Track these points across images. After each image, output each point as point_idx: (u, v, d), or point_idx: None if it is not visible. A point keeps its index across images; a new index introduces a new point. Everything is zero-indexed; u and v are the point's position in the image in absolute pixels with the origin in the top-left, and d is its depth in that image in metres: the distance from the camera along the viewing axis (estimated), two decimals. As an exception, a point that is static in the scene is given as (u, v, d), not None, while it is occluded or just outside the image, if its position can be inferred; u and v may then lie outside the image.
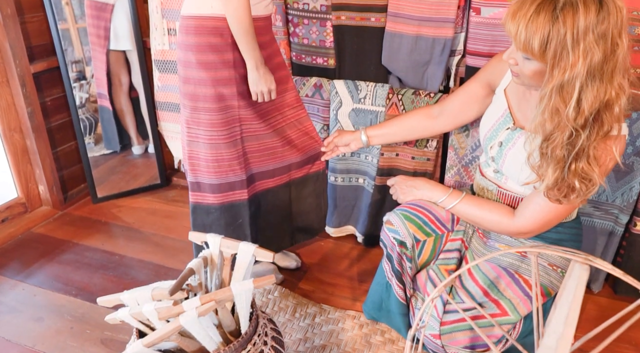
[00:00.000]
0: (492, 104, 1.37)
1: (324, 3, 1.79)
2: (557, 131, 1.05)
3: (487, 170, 1.38)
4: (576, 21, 0.96)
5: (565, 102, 1.02)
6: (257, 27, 1.47)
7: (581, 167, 1.07)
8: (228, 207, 1.57)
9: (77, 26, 2.34)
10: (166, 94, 2.35)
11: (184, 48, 1.44)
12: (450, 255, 1.38)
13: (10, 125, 2.10)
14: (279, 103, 1.60)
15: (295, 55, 1.93)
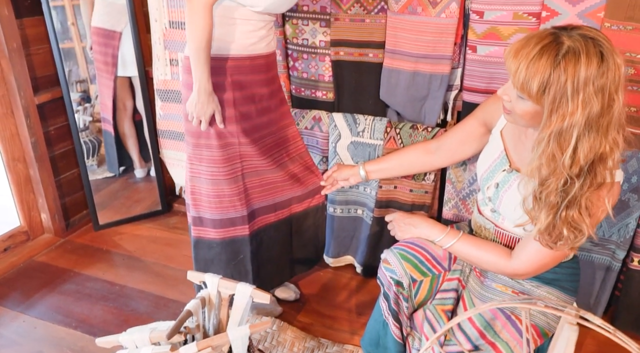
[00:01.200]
0: (489, 144, 1.38)
1: (323, 39, 1.82)
2: (553, 177, 1.06)
3: (484, 209, 1.39)
4: (577, 71, 0.97)
5: (562, 149, 1.03)
6: (259, 65, 1.50)
7: (572, 216, 1.08)
8: (229, 243, 1.59)
9: (83, 45, 2.39)
10: (168, 122, 2.38)
11: (186, 87, 1.47)
12: (447, 295, 1.39)
13: (14, 155, 2.13)
14: (281, 138, 1.62)
15: (294, 89, 1.96)
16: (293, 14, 1.83)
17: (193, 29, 1.33)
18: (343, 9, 1.74)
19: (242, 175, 1.54)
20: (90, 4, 2.32)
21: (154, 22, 2.20)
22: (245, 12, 1.40)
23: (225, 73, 1.43)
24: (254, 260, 1.64)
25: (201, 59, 1.35)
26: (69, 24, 2.31)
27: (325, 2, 1.77)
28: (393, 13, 1.69)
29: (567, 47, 1.00)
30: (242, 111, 1.48)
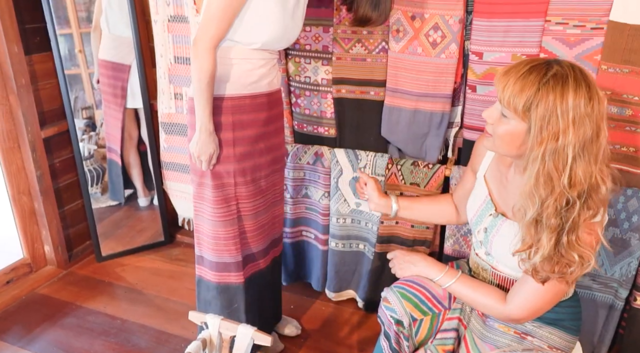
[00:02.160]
0: (475, 189, 1.39)
1: (325, 77, 1.85)
2: (551, 197, 1.04)
3: (479, 252, 1.39)
4: (565, 92, 0.99)
5: (558, 169, 1.02)
6: (261, 103, 1.51)
7: (575, 240, 1.07)
8: (224, 289, 1.59)
9: (89, 71, 2.43)
10: (172, 155, 2.40)
11: (192, 127, 1.49)
12: (448, 335, 1.38)
13: (20, 189, 2.15)
14: (272, 181, 1.64)
15: (297, 124, 1.98)
16: (295, 52, 1.87)
17: (197, 71, 1.36)
18: (345, 48, 1.78)
19: (238, 217, 1.54)
20: (99, 34, 2.37)
21: (159, 58, 2.24)
22: (243, 51, 1.43)
23: (226, 112, 1.45)
24: (248, 311, 1.63)
25: (204, 99, 1.38)
26: (76, 51, 2.36)
27: (327, 41, 1.80)
28: (394, 53, 1.72)
29: (555, 70, 1.02)
30: (242, 151, 1.50)
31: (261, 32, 1.40)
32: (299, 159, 1.96)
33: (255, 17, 1.38)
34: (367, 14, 1.58)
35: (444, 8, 1.61)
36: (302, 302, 2.11)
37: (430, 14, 1.63)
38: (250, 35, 1.40)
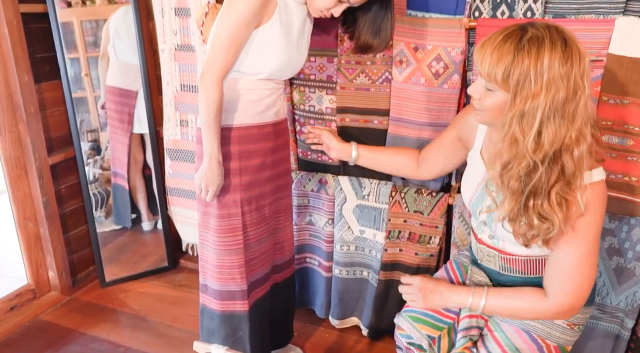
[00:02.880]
0: (470, 167, 1.36)
1: (329, 106, 1.88)
2: (515, 161, 1.05)
3: (482, 236, 1.35)
4: (541, 54, 0.99)
5: (524, 133, 1.02)
6: (267, 133, 1.54)
7: (540, 205, 1.06)
8: (229, 317, 1.59)
9: (95, 94, 2.46)
10: (177, 180, 2.42)
11: (197, 156, 1.52)
12: (468, 334, 1.34)
13: (26, 215, 2.17)
14: (277, 208, 1.66)
15: (301, 152, 2.00)
16: (300, 82, 1.90)
17: (205, 102, 1.38)
18: (349, 78, 1.81)
19: (244, 247, 1.55)
20: (106, 61, 2.41)
21: (165, 85, 2.28)
22: (249, 82, 1.46)
23: (233, 142, 1.48)
24: (252, 339, 1.63)
25: (211, 130, 1.40)
26: (83, 75, 2.40)
27: (331, 71, 1.83)
28: (397, 83, 1.75)
29: (531, 34, 1.02)
30: (248, 180, 1.52)
31: (267, 63, 1.43)
32: (303, 186, 1.97)
33: (260, 48, 1.41)
34: (369, 41, 1.60)
35: (446, 40, 1.64)
36: (306, 329, 2.10)
37: (432, 45, 1.67)
38: (256, 65, 1.43)
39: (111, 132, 2.51)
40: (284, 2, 1.42)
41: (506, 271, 1.32)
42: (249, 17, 1.34)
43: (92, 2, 2.30)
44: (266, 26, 1.40)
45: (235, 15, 1.34)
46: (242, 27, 1.35)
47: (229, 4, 1.37)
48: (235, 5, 1.34)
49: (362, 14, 1.56)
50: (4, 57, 1.95)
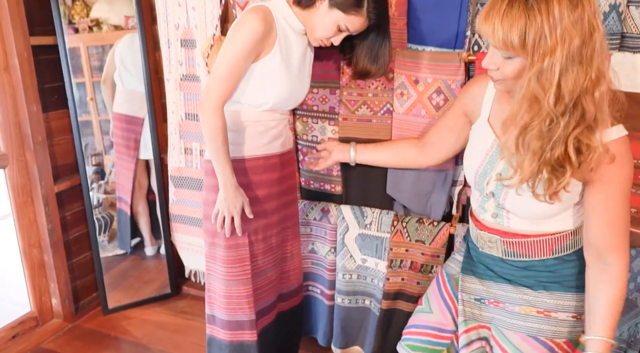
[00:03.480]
0: (475, 139, 1.33)
1: (332, 136, 1.91)
2: (536, 119, 1.03)
3: (484, 216, 1.31)
4: (551, 8, 0.97)
5: (544, 89, 1.00)
6: (273, 164, 1.57)
7: (555, 156, 1.05)
8: (237, 347, 1.59)
9: (100, 118, 2.50)
10: (180, 207, 2.44)
11: (206, 188, 1.55)
12: (471, 348, 1.34)
13: (30, 242, 2.19)
14: (284, 237, 1.67)
15: (304, 181, 2.03)
16: (303, 112, 1.93)
17: (208, 130, 1.42)
18: (351, 109, 1.84)
19: (252, 276, 1.56)
20: (109, 85, 2.44)
21: (171, 114, 2.32)
22: (254, 114, 1.50)
23: (240, 174, 1.50)
24: None
25: (221, 157, 1.43)
26: (88, 99, 2.44)
27: (334, 103, 1.87)
28: (398, 114, 1.78)
29: None
30: (255, 211, 1.54)
31: (269, 94, 1.47)
32: (305, 214, 1.99)
33: (263, 79, 1.45)
34: (367, 67, 1.62)
35: (446, 73, 1.68)
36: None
37: (433, 78, 1.70)
38: (259, 97, 1.47)
39: (117, 158, 2.54)
40: (283, 34, 1.47)
41: (509, 256, 1.28)
42: (248, 50, 1.39)
43: (98, 29, 2.35)
44: (267, 58, 1.44)
45: (236, 47, 1.39)
46: (241, 58, 1.40)
47: (231, 36, 1.42)
48: (237, 37, 1.39)
49: (360, 41, 1.59)
50: (13, 88, 1.99)
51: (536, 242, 1.25)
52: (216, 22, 2.04)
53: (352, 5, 1.42)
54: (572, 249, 1.25)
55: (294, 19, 1.49)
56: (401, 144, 1.65)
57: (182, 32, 2.17)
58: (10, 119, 2.02)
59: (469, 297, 1.37)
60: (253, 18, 1.38)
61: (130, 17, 2.30)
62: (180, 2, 2.14)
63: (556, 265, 1.25)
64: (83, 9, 2.28)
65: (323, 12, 1.45)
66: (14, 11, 1.92)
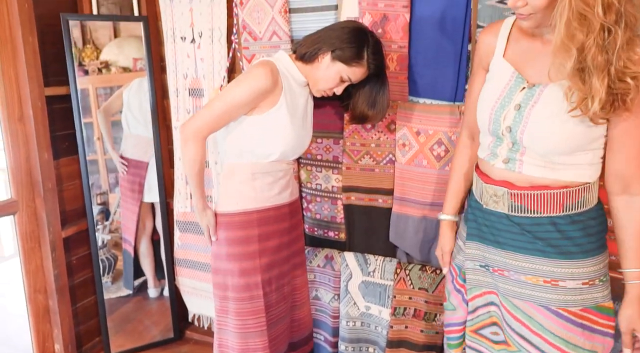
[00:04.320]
0: (490, 79, 1.28)
1: (335, 184, 1.95)
2: (591, 36, 0.99)
3: (495, 162, 1.23)
4: None
5: (589, 4, 0.97)
6: (283, 214, 1.61)
7: (623, 66, 1.01)
8: None
9: (105, 157, 2.54)
10: (185, 252, 2.47)
11: (215, 242, 1.57)
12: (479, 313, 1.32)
13: (36, 287, 2.20)
14: (294, 286, 1.69)
15: (308, 228, 2.06)
16: (307, 161, 1.98)
17: (185, 158, 1.50)
18: (354, 159, 1.89)
19: (267, 327, 1.57)
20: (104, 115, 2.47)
21: (177, 160, 2.37)
22: (263, 165, 1.54)
23: (252, 225, 1.54)
24: None
25: (194, 183, 1.54)
26: (95, 139, 2.49)
27: (337, 152, 1.92)
28: (400, 164, 1.83)
29: None
30: (267, 261, 1.56)
31: (278, 144, 1.52)
32: (309, 261, 2.01)
33: (271, 130, 1.51)
34: (365, 112, 1.67)
35: (446, 125, 1.74)
36: (312, 407, 2.07)
37: (433, 130, 1.76)
38: (268, 147, 1.52)
39: (122, 201, 2.58)
40: (288, 86, 1.53)
41: (515, 211, 1.22)
42: (248, 99, 1.45)
43: (107, 70, 2.43)
44: (274, 109, 1.50)
45: (238, 92, 1.45)
46: (239, 105, 1.46)
47: (237, 81, 1.49)
48: (242, 85, 1.46)
49: (357, 88, 1.65)
50: (27, 137, 2.05)
51: (545, 195, 1.18)
52: (224, 73, 2.12)
53: (353, 57, 1.50)
54: (583, 208, 1.19)
55: (297, 71, 1.56)
56: (461, 165, 1.47)
57: (190, 81, 2.25)
58: (22, 167, 2.06)
59: (473, 264, 1.33)
60: (261, 73, 1.45)
61: (138, 59, 2.37)
62: (189, 53, 2.22)
63: (565, 225, 1.19)
64: (93, 52, 2.36)
65: (326, 65, 1.52)
66: (31, 63, 2.00)
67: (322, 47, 1.52)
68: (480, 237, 1.31)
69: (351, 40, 1.51)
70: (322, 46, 1.51)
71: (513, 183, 1.21)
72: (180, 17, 2.19)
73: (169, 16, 2.23)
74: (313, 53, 1.52)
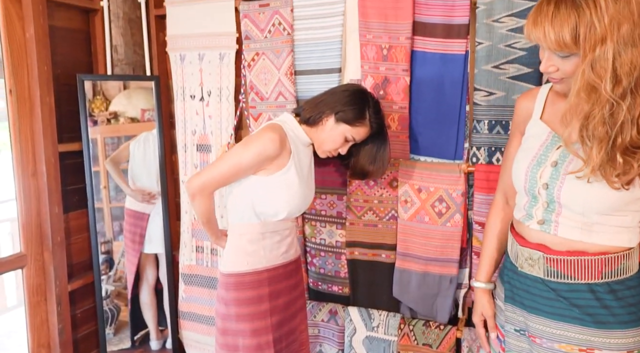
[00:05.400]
0: (527, 140, 1.29)
1: (339, 240, 1.98)
2: (597, 107, 1.03)
3: (530, 223, 1.23)
4: (596, 1, 1.01)
5: (600, 77, 1.01)
6: (290, 271, 1.64)
7: (627, 140, 1.03)
8: None
9: (111, 205, 2.57)
10: (190, 305, 2.47)
11: (223, 302, 1.58)
12: None
13: (40, 341, 2.20)
14: (298, 342, 1.70)
15: (312, 282, 2.08)
16: (312, 217, 2.03)
17: (195, 211, 1.61)
18: (357, 215, 1.93)
19: None
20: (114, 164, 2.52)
21: (184, 214, 2.42)
22: (271, 224, 1.58)
23: (262, 285, 1.56)
24: None
25: (206, 229, 1.66)
26: (101, 187, 2.54)
27: (341, 208, 1.97)
28: (403, 220, 1.87)
29: None
30: (278, 320, 1.58)
31: (286, 203, 1.56)
32: (313, 316, 2.02)
33: (279, 190, 1.55)
34: (365, 168, 1.72)
35: (447, 183, 1.79)
36: None
37: (435, 187, 1.81)
38: (276, 207, 1.56)
39: (126, 253, 2.61)
40: (295, 148, 1.59)
41: (551, 276, 1.19)
42: (253, 163, 1.51)
43: (116, 121, 2.51)
44: (282, 171, 1.55)
45: (245, 156, 1.51)
46: (245, 167, 1.52)
47: (245, 143, 1.54)
48: (249, 148, 1.51)
49: (358, 146, 1.70)
50: (39, 192, 2.11)
51: (583, 261, 1.16)
52: (231, 130, 2.20)
53: (356, 118, 1.58)
54: (623, 275, 1.16)
55: (302, 133, 1.62)
56: (494, 227, 1.44)
57: (198, 137, 2.33)
58: (33, 221, 2.11)
59: (510, 327, 1.31)
60: (269, 138, 1.50)
61: (146, 110, 2.45)
62: (198, 111, 2.32)
63: (603, 293, 1.15)
64: (103, 103, 2.45)
65: (330, 127, 1.59)
66: (47, 121, 2.08)
67: (325, 110, 1.59)
68: (514, 299, 1.29)
69: (353, 102, 1.59)
70: (325, 109, 1.59)
71: (549, 246, 1.20)
72: (190, 76, 2.30)
73: (179, 75, 2.33)
74: (317, 116, 1.59)
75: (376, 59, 1.83)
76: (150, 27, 2.37)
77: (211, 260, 2.36)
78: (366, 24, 1.83)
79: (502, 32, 1.67)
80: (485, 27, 1.69)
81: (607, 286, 1.16)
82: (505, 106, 1.70)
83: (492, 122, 1.73)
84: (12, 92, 2.00)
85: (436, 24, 1.75)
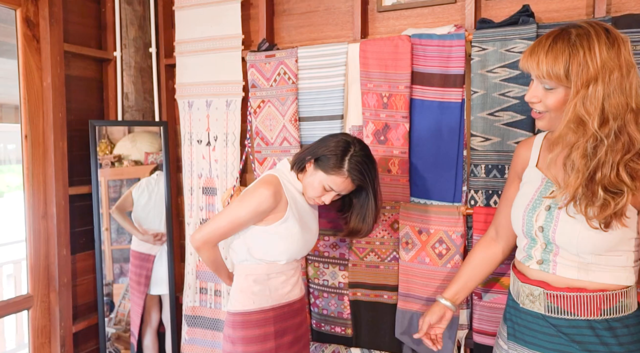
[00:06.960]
0: (524, 186, 1.36)
1: (342, 281, 2.02)
2: (582, 139, 1.11)
3: (530, 264, 1.29)
4: (591, 44, 1.10)
5: (589, 113, 1.09)
6: (295, 309, 1.67)
7: (608, 178, 1.10)
8: None
9: (112, 247, 2.59)
10: (193, 347, 2.47)
11: (230, 341, 1.61)
12: None
13: (42, 385, 2.20)
14: None
15: (315, 323, 2.10)
16: (315, 258, 2.07)
17: (203, 260, 1.69)
18: (359, 256, 1.98)
19: None
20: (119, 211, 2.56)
21: (189, 255, 2.46)
22: (275, 266, 1.63)
23: (269, 323, 1.60)
24: None
25: (217, 274, 1.73)
26: (103, 229, 2.58)
27: (343, 250, 2.02)
28: (404, 262, 1.91)
29: (576, 32, 1.13)
30: None
31: (287, 249, 1.62)
32: (316, 359, 2.03)
33: (280, 238, 1.61)
34: (357, 226, 1.76)
35: (447, 225, 1.84)
36: None
37: (435, 229, 1.86)
38: (278, 252, 1.62)
39: (131, 294, 2.62)
40: (292, 197, 1.64)
41: (552, 312, 1.24)
42: (249, 216, 1.58)
43: (119, 164, 2.57)
44: (280, 222, 1.61)
45: (241, 211, 1.58)
46: (242, 222, 1.59)
47: (241, 199, 1.60)
48: (244, 203, 1.58)
49: (356, 199, 1.73)
50: (48, 234, 2.16)
51: (583, 298, 1.20)
52: (236, 174, 2.27)
53: (332, 166, 1.56)
54: (622, 313, 1.19)
55: (296, 181, 1.68)
56: (476, 255, 1.55)
57: (204, 180, 2.40)
58: (41, 263, 2.15)
59: None
60: (263, 195, 1.56)
61: (150, 153, 2.53)
62: (204, 155, 2.39)
63: (602, 330, 1.19)
64: (107, 146, 2.52)
65: (310, 173, 1.63)
66: (59, 166, 2.16)
67: (307, 156, 1.63)
68: (516, 337, 1.33)
69: (333, 151, 1.56)
70: (308, 155, 1.63)
71: (549, 283, 1.25)
72: (198, 122, 2.39)
73: (187, 121, 2.43)
74: (301, 163, 1.64)
75: (377, 107, 1.92)
76: (160, 75, 2.48)
77: (214, 301, 2.39)
78: (367, 73, 1.93)
79: (496, 82, 1.76)
80: (480, 77, 1.79)
81: (606, 323, 1.19)
82: (501, 151, 1.78)
83: (489, 166, 1.80)
84: (27, 137, 2.09)
85: (433, 73, 1.85)
